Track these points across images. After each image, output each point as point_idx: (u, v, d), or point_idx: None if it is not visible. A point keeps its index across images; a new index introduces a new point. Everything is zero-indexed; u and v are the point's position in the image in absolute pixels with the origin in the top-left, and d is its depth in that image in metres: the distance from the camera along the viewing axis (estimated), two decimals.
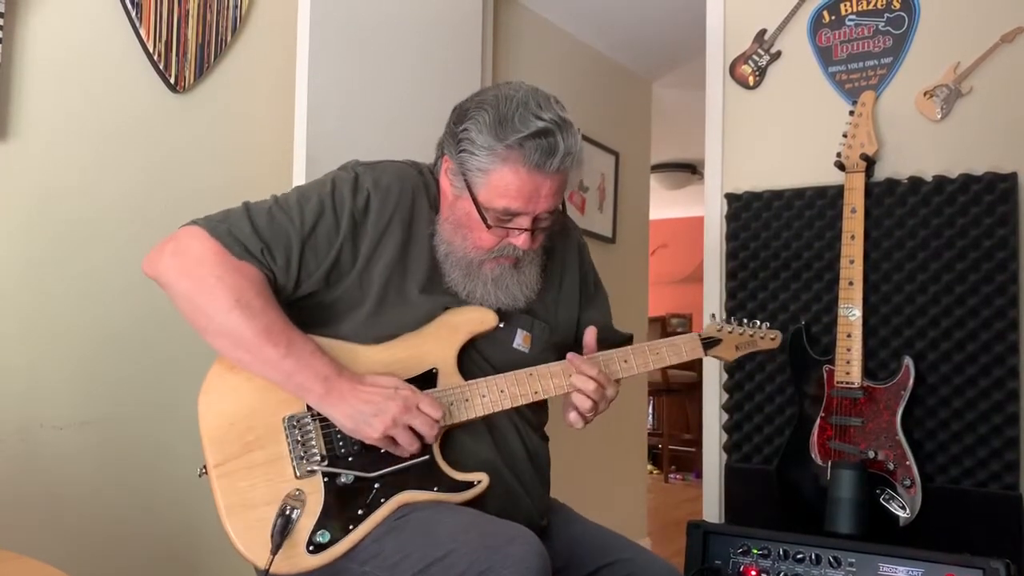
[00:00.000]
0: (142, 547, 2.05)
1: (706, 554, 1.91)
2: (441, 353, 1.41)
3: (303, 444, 1.33)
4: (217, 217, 1.35)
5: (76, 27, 1.98)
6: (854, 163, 2.15)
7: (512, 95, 1.37)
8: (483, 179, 1.36)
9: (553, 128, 1.34)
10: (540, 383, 1.43)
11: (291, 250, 1.35)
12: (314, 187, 1.43)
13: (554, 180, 1.36)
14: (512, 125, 1.33)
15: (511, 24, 3.33)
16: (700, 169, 6.23)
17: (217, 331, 1.30)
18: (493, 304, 1.44)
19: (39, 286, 1.91)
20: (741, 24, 2.47)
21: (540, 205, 1.37)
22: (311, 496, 1.31)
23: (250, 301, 1.28)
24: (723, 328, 1.59)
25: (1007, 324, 2.03)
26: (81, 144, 1.99)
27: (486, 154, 1.35)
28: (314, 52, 2.27)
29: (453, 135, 1.41)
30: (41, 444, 1.89)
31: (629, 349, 1.51)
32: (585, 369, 1.43)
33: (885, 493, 2.02)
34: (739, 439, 2.36)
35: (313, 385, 1.30)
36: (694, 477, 6.06)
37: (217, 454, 1.31)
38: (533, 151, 1.32)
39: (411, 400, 1.31)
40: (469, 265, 1.42)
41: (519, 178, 1.34)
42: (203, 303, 1.29)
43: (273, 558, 1.25)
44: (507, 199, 1.36)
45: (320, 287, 1.40)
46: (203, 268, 1.29)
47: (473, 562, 1.19)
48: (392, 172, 1.45)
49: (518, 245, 1.41)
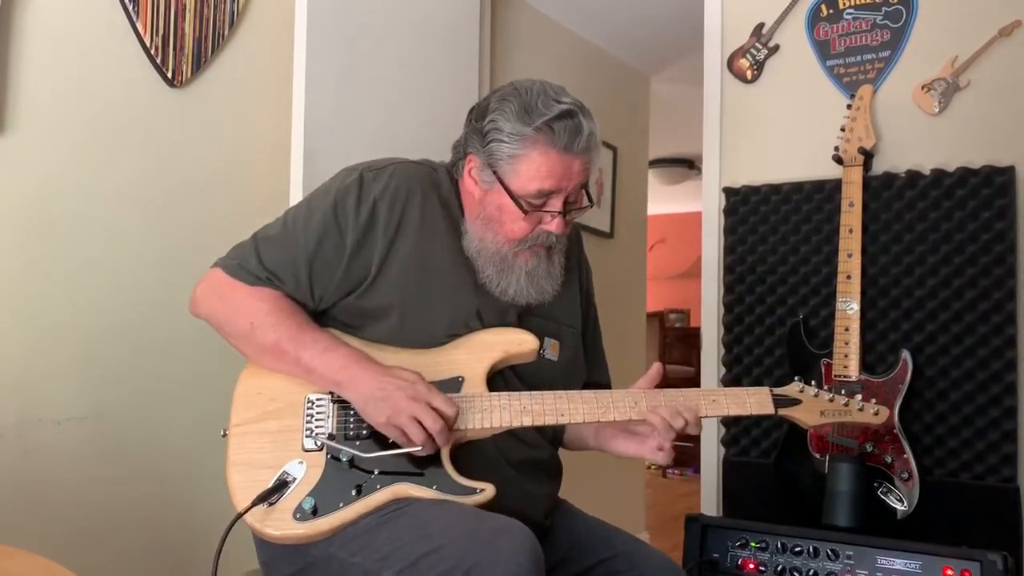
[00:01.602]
0: (140, 541, 2.06)
1: (704, 548, 1.91)
2: (470, 365, 1.41)
3: (316, 420, 1.38)
4: (231, 254, 1.46)
5: (73, 21, 1.97)
6: (852, 157, 2.15)
7: (529, 87, 1.42)
8: (514, 165, 1.39)
9: (575, 110, 1.39)
10: (569, 406, 1.41)
11: (299, 272, 1.42)
12: (319, 202, 1.45)
13: (582, 160, 1.40)
14: (537, 110, 1.38)
15: (509, 19, 3.33)
16: (698, 164, 6.23)
17: (246, 350, 1.43)
18: (524, 299, 1.45)
19: (37, 280, 1.90)
20: (739, 18, 2.47)
21: (572, 184, 1.41)
22: (311, 469, 1.35)
23: (263, 321, 1.39)
24: (805, 390, 1.50)
25: (1005, 318, 2.04)
26: (78, 138, 1.98)
27: (517, 140, 1.38)
28: (311, 46, 2.27)
29: (478, 131, 1.44)
30: (39, 439, 1.89)
31: (681, 392, 1.46)
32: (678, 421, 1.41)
33: (883, 486, 2.03)
34: (737, 433, 2.36)
35: (333, 375, 1.36)
36: (692, 472, 6.06)
37: (237, 416, 1.40)
38: (562, 132, 1.37)
39: (423, 394, 1.32)
40: (503, 260, 1.44)
41: (550, 159, 1.38)
42: (229, 331, 1.43)
43: (251, 506, 1.31)
44: (539, 180, 1.39)
45: (340, 297, 1.44)
46: (223, 302, 1.43)
47: (463, 556, 1.19)
48: (400, 174, 1.46)
49: (552, 231, 1.43)
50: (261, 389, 1.41)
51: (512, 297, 1.45)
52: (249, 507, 1.31)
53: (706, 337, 2.48)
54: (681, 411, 1.41)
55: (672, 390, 1.46)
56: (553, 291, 1.48)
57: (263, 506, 1.32)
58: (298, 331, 1.38)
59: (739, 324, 2.38)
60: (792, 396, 1.49)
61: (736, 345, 2.38)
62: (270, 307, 1.39)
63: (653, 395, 1.44)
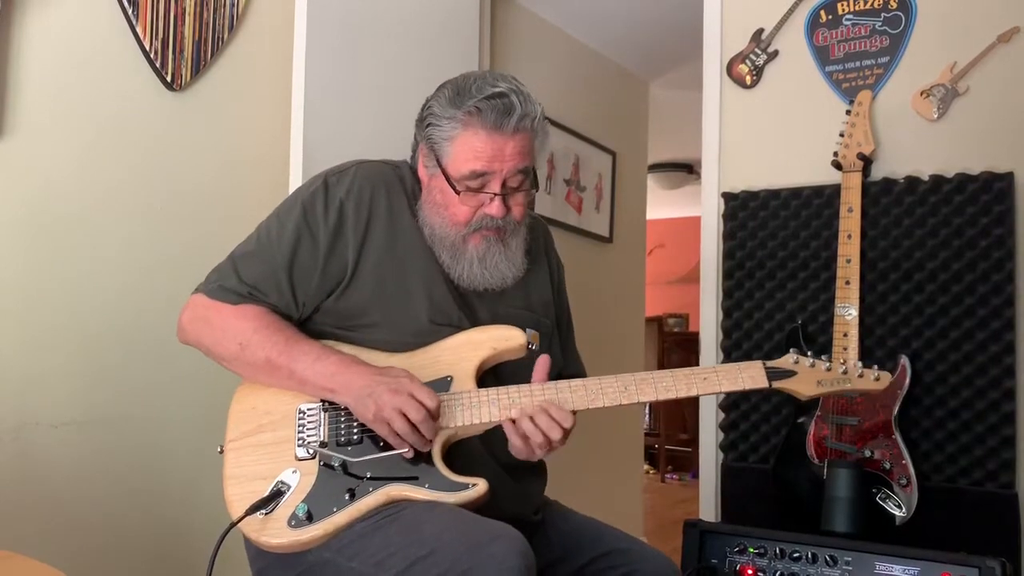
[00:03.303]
0: (139, 546, 2.05)
1: (702, 553, 1.91)
2: (459, 364, 1.42)
3: (308, 429, 1.39)
4: (211, 278, 1.47)
5: (73, 25, 1.97)
6: (851, 162, 2.16)
7: (471, 75, 1.46)
8: (448, 148, 1.42)
9: (508, 92, 1.40)
10: (558, 396, 1.40)
11: (280, 282, 1.43)
12: (288, 212, 1.48)
13: (516, 141, 1.41)
14: (469, 93, 1.41)
15: (508, 24, 3.34)
16: (697, 169, 6.24)
17: (240, 370, 1.45)
18: (480, 284, 1.47)
19: (36, 284, 1.90)
20: (738, 23, 2.47)
21: (505, 165, 1.41)
22: (305, 477, 1.36)
23: (250, 339, 1.40)
24: (800, 361, 1.44)
25: (1003, 323, 2.04)
26: (78, 142, 1.98)
27: (447, 122, 1.42)
28: (311, 50, 2.27)
29: (420, 119, 1.49)
30: (37, 443, 1.88)
31: (670, 372, 1.42)
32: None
33: (881, 492, 2.02)
34: (736, 438, 2.36)
35: (326, 383, 1.38)
36: (691, 477, 6.06)
37: (233, 431, 1.42)
38: (489, 112, 1.39)
39: (404, 386, 1.33)
40: (453, 244, 1.45)
41: (479, 139, 1.40)
42: (219, 354, 1.44)
43: (245, 515, 1.32)
44: (471, 162, 1.41)
45: (322, 299, 1.46)
46: (209, 326, 1.44)
47: (456, 561, 1.20)
48: (363, 173, 1.49)
49: (492, 214, 1.43)
50: (255, 404, 1.43)
51: (468, 283, 1.46)
52: (243, 516, 1.32)
53: (705, 342, 2.48)
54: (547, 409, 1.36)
55: (659, 372, 1.43)
56: (514, 277, 1.49)
57: (259, 516, 1.32)
58: (287, 345, 1.39)
59: (738, 329, 2.37)
60: (786, 368, 1.43)
61: (735, 350, 2.38)
62: (256, 324, 1.40)
63: (641, 378, 1.41)
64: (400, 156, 1.59)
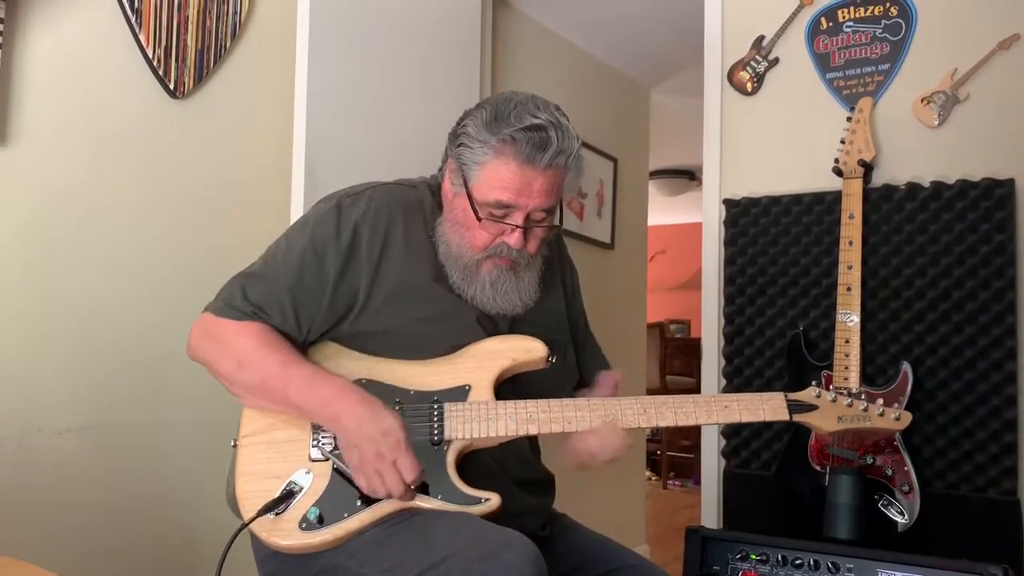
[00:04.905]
0: (140, 552, 2.05)
1: (704, 560, 1.90)
2: (477, 373, 1.41)
3: (322, 431, 1.37)
4: (219, 296, 1.43)
5: (76, 33, 1.98)
6: (852, 169, 2.16)
7: (512, 98, 1.40)
8: (477, 172, 1.38)
9: (547, 125, 1.35)
10: (576, 414, 1.39)
11: (283, 304, 1.39)
12: (297, 234, 1.45)
13: (546, 177, 1.37)
14: (507, 120, 1.36)
15: (510, 31, 3.34)
16: (698, 175, 6.24)
17: (238, 392, 1.41)
18: (491, 308, 1.44)
19: (38, 290, 1.91)
20: (739, 30, 2.48)
21: (532, 201, 1.38)
22: (318, 479, 1.35)
23: (248, 357, 1.36)
24: (822, 395, 1.44)
25: (1005, 330, 2.04)
26: (81, 149, 1.99)
27: (480, 147, 1.37)
28: (313, 58, 2.28)
29: (454, 133, 1.44)
30: (39, 449, 1.89)
31: (691, 398, 1.43)
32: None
33: (883, 499, 2.02)
34: (738, 444, 2.36)
35: (317, 412, 1.36)
36: (692, 484, 6.05)
37: (246, 427, 1.40)
38: (524, 144, 1.34)
39: (391, 452, 1.30)
40: (467, 266, 1.42)
41: (510, 170, 1.36)
42: (219, 370, 1.40)
43: (256, 516, 1.30)
44: (498, 191, 1.37)
45: (331, 326, 1.42)
46: (213, 341, 1.40)
47: (468, 569, 1.19)
48: (380, 196, 1.45)
49: (510, 244, 1.40)
50: None
51: (479, 305, 1.43)
52: (255, 517, 1.31)
53: (707, 348, 2.48)
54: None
55: (680, 396, 1.43)
56: (524, 305, 1.46)
57: (270, 516, 1.32)
58: (282, 368, 1.35)
59: (739, 335, 2.38)
60: (808, 401, 1.44)
61: (737, 356, 2.38)
62: (256, 342, 1.36)
63: (661, 401, 1.42)
64: (402, 165, 1.58)
